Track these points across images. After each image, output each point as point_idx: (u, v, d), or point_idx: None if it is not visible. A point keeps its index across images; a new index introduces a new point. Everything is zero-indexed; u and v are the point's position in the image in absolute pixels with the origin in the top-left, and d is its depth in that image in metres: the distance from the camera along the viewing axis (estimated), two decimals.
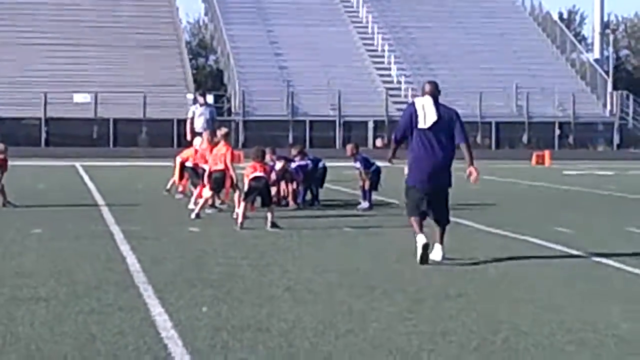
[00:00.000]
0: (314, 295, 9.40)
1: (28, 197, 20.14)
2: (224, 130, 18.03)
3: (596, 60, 64.09)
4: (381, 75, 57.37)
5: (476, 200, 20.48)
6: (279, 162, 18.61)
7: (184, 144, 23.60)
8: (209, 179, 17.31)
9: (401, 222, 15.86)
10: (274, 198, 16.97)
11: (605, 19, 71.08)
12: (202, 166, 18.27)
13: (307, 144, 49.03)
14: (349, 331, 7.86)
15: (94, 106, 51.50)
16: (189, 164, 19.48)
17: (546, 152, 46.60)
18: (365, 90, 55.43)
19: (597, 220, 17.55)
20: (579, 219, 17.66)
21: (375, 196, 19.15)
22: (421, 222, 11.58)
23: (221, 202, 18.20)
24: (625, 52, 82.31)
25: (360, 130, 53.27)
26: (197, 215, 16.55)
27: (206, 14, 69.31)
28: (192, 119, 23.33)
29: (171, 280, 10.12)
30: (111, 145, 51.24)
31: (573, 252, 12.78)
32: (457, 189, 12.23)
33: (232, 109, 54.20)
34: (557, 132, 55.83)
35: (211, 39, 69.17)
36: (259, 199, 15.67)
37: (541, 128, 55.89)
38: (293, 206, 18.57)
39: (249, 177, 15.44)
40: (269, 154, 17.79)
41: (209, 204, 17.47)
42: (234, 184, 17.24)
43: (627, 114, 57.78)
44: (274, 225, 15.02)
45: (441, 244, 11.73)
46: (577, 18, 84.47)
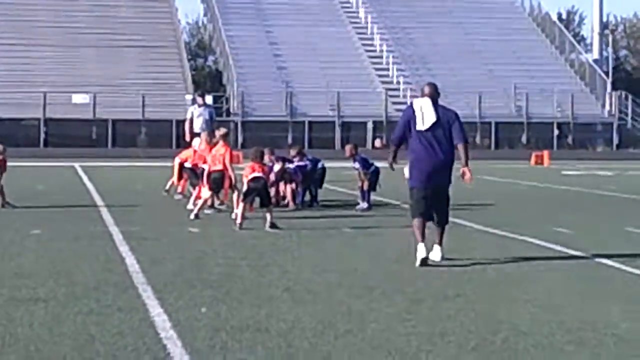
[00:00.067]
0: (313, 296, 9.41)
1: (27, 198, 20.14)
2: (223, 131, 18.00)
3: (595, 61, 64.08)
4: (380, 76, 57.33)
5: (475, 201, 20.47)
6: (277, 164, 18.59)
7: (183, 144, 23.60)
8: (207, 179, 17.31)
9: (400, 222, 15.87)
10: (273, 199, 16.98)
11: (604, 19, 71.07)
12: (202, 166, 18.27)
13: (306, 144, 48.98)
14: (348, 331, 7.87)
15: (92, 107, 51.48)
16: (188, 164, 19.48)
17: (545, 153, 46.57)
18: (364, 91, 55.40)
19: (596, 221, 17.55)
20: (578, 219, 17.66)
21: (374, 197, 19.15)
22: (423, 228, 11.52)
23: (220, 203, 18.20)
24: (624, 52, 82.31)
25: (359, 130, 53.23)
26: (196, 216, 16.55)
27: (205, 15, 69.30)
28: (191, 119, 23.35)
29: (170, 281, 10.12)
30: (110, 145, 51.22)
31: (572, 252, 12.79)
32: (455, 189, 12.22)
33: (231, 110, 54.16)
34: (556, 132, 55.81)
35: (210, 39, 69.13)
36: (257, 199, 15.68)
37: (540, 128, 55.88)
38: (292, 207, 18.58)
39: (248, 178, 15.44)
40: (267, 155, 17.78)
41: (208, 204, 17.48)
42: (232, 185, 17.24)
43: (626, 114, 57.76)
44: (273, 226, 15.03)
45: (440, 245, 11.74)
46: (576, 18, 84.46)
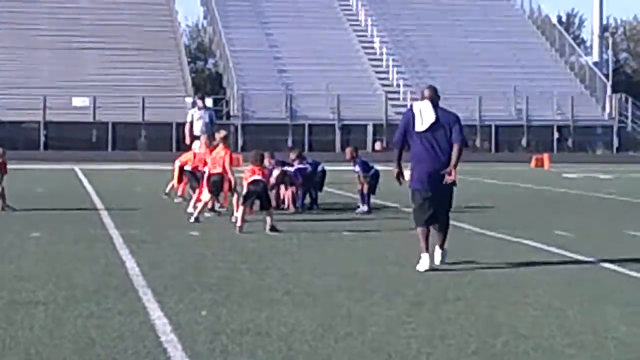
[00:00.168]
0: (313, 299, 9.41)
1: (27, 201, 20.13)
2: (222, 133, 17.93)
3: (595, 64, 64.07)
4: (380, 79, 57.34)
5: (475, 203, 20.48)
6: (276, 170, 18.51)
7: (183, 147, 23.60)
8: (207, 182, 17.30)
9: (400, 225, 15.88)
10: (273, 202, 16.97)
11: (604, 22, 71.10)
12: (202, 169, 18.26)
13: (306, 147, 48.98)
14: (348, 335, 7.87)
15: (92, 110, 51.48)
16: (188, 167, 19.47)
17: (545, 155, 46.58)
18: (364, 94, 55.41)
19: (596, 224, 17.55)
20: (578, 222, 17.66)
21: (374, 200, 19.15)
22: (427, 237, 11.45)
23: (220, 206, 18.19)
24: (624, 55, 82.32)
25: (360, 133, 53.23)
26: (196, 219, 16.55)
27: (205, 18, 69.34)
28: (191, 122, 23.36)
29: (170, 284, 10.12)
30: (110, 148, 51.21)
31: (572, 255, 12.78)
32: (456, 191, 12.20)
33: (231, 113, 54.17)
34: (556, 135, 55.81)
35: (210, 42, 69.11)
36: (258, 202, 15.67)
37: (540, 131, 55.90)
38: (292, 210, 18.57)
39: (248, 181, 15.45)
40: (267, 158, 17.75)
41: (208, 207, 17.47)
42: (232, 188, 17.23)
43: (626, 117, 57.75)
44: (273, 229, 15.02)
45: (442, 248, 11.72)
46: (576, 21, 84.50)
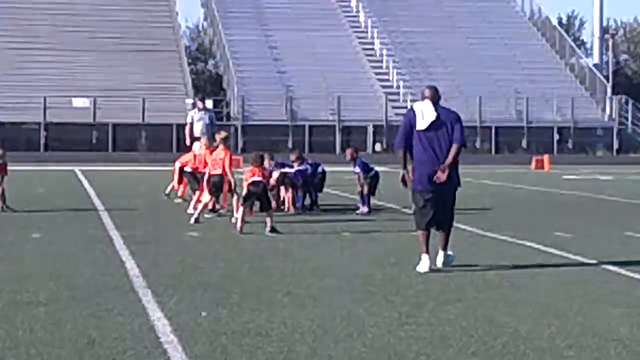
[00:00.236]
0: (313, 300, 9.41)
1: (27, 202, 20.13)
2: (223, 134, 17.92)
3: (595, 65, 64.05)
4: (380, 80, 57.31)
5: (475, 205, 20.47)
6: (275, 173, 18.46)
7: (184, 148, 23.60)
8: (207, 183, 17.31)
9: (400, 226, 15.88)
10: (273, 203, 16.96)
11: (605, 23, 70.99)
12: (202, 171, 18.26)
13: (307, 148, 48.97)
14: (348, 336, 7.86)
15: (93, 111, 51.47)
16: (188, 168, 19.48)
17: (545, 157, 46.56)
18: (365, 95, 55.37)
19: (596, 225, 17.54)
20: (578, 223, 17.65)
21: (374, 201, 19.15)
22: (428, 239, 11.42)
23: (220, 207, 18.19)
24: (625, 56, 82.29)
25: (360, 135, 53.20)
26: (197, 220, 16.55)
27: (205, 19, 69.29)
28: (191, 123, 23.35)
29: (171, 285, 10.12)
30: (110, 149, 51.20)
31: (572, 256, 12.78)
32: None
33: (231, 114, 54.15)
34: (557, 136, 55.80)
35: (210, 43, 69.09)
36: (258, 203, 15.68)
37: (540, 133, 55.87)
38: (292, 211, 18.57)
39: (248, 182, 15.46)
40: (267, 160, 17.73)
41: (208, 208, 17.48)
42: (232, 189, 17.24)
43: (627, 118, 57.73)
44: (273, 230, 15.03)
45: (444, 250, 11.67)
46: (577, 23, 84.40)
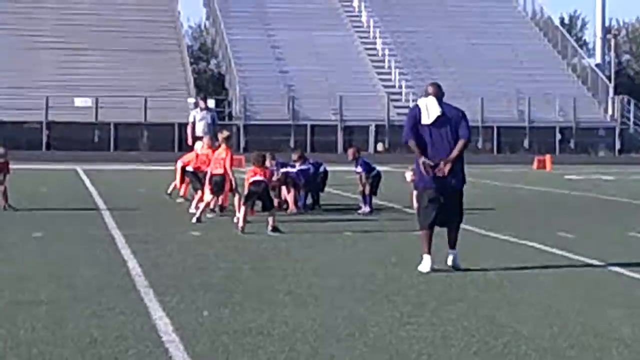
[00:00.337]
0: (315, 299, 9.41)
1: (29, 201, 20.14)
2: (225, 134, 17.92)
3: (597, 65, 64.02)
4: (382, 80, 57.29)
5: (477, 205, 20.45)
6: (276, 174, 18.44)
7: (185, 148, 23.62)
8: (209, 182, 17.31)
9: (402, 226, 15.88)
10: (275, 201, 16.97)
11: (607, 23, 71.01)
12: (204, 170, 18.26)
13: (308, 148, 48.95)
14: (350, 335, 7.87)
15: (95, 110, 51.47)
16: (190, 168, 19.48)
17: (547, 157, 46.52)
18: (367, 95, 55.35)
19: (598, 225, 17.54)
20: (580, 223, 17.65)
21: (375, 200, 19.15)
22: (431, 239, 11.36)
23: (222, 206, 18.18)
24: (627, 57, 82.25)
25: (362, 134, 53.17)
26: (198, 219, 16.55)
27: (207, 19, 69.28)
28: (193, 123, 23.38)
29: (172, 284, 10.12)
30: (112, 149, 51.21)
31: (574, 257, 12.77)
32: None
33: (233, 114, 54.14)
34: (559, 136, 55.78)
35: (212, 43, 69.09)
36: (259, 203, 15.67)
37: (542, 133, 55.85)
38: (294, 210, 18.57)
39: (249, 181, 15.46)
40: (268, 160, 17.72)
41: (210, 207, 17.48)
42: (233, 188, 17.24)
43: (629, 119, 57.70)
44: (275, 230, 15.03)
45: (453, 248, 11.47)
46: (579, 23, 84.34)
